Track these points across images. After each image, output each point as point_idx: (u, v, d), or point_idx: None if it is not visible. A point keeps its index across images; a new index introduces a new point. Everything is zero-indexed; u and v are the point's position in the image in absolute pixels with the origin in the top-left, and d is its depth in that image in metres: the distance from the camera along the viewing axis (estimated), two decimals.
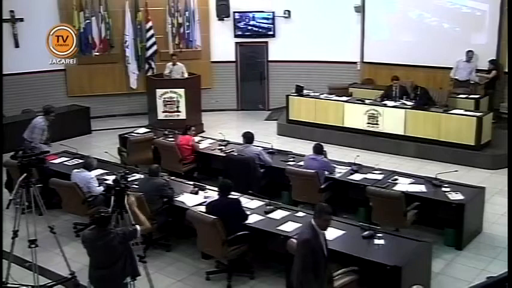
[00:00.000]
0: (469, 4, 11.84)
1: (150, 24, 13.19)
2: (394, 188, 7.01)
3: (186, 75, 12.19)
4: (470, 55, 11.40)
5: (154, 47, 13.32)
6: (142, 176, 7.52)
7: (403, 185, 7.19)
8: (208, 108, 13.36)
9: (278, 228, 6.07)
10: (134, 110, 13.58)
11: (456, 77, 11.58)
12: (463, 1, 11.88)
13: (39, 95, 12.73)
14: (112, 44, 13.16)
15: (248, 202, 6.73)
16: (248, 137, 8.27)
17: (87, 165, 7.44)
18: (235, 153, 8.43)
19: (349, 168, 7.84)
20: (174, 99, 11.92)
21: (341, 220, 6.32)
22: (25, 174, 5.76)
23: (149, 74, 13.18)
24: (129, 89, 13.55)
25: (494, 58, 11.37)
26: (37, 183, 5.98)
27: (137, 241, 5.08)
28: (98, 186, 7.26)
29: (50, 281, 6.06)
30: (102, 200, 6.92)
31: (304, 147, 9.44)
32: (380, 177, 7.50)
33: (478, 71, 11.51)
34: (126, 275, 4.90)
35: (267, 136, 10.37)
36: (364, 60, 13.29)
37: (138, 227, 4.76)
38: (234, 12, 13.74)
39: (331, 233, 5.77)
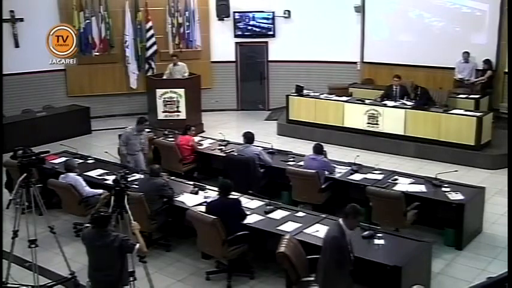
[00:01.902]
0: (469, 4, 11.84)
1: (150, 24, 13.19)
2: (394, 188, 7.01)
3: (186, 74, 12.16)
4: (466, 56, 11.55)
5: (154, 47, 13.32)
6: (142, 176, 7.53)
7: (403, 185, 7.19)
8: (208, 108, 13.36)
9: (278, 228, 6.07)
10: (134, 110, 13.54)
11: (460, 77, 11.67)
12: (463, 1, 11.89)
13: (39, 95, 12.76)
14: (112, 44, 13.16)
15: (248, 202, 6.73)
16: (248, 137, 8.27)
17: (69, 168, 7.43)
18: (235, 153, 8.44)
19: (349, 168, 7.84)
20: (174, 99, 11.92)
21: None
22: (25, 174, 5.75)
23: (149, 74, 13.18)
24: (129, 89, 13.55)
25: (488, 58, 11.38)
26: (37, 183, 5.98)
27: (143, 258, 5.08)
28: (89, 189, 7.26)
29: (50, 281, 6.06)
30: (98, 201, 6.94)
31: (304, 147, 9.46)
32: (380, 177, 7.50)
33: (477, 70, 11.56)
34: (123, 283, 4.90)
35: (267, 136, 10.36)
36: (364, 60, 13.29)
37: (137, 246, 4.74)
38: (234, 12, 13.74)
39: None
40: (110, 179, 7.06)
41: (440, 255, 6.46)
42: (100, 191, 7.10)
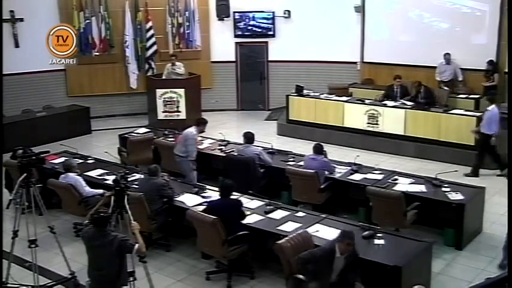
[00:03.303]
0: (469, 4, 11.83)
1: (150, 24, 13.20)
2: (394, 188, 7.01)
3: (182, 71, 12.11)
4: (447, 57, 11.56)
5: (154, 47, 13.32)
6: (142, 176, 7.52)
7: (403, 185, 7.19)
8: (208, 108, 13.36)
9: (278, 228, 6.07)
10: (134, 110, 13.59)
11: (440, 79, 11.67)
12: (463, 1, 11.88)
13: (39, 95, 12.76)
14: (112, 44, 13.16)
15: (248, 202, 6.73)
16: (249, 137, 8.26)
17: (68, 167, 7.41)
18: (235, 153, 8.44)
19: (349, 168, 7.84)
20: (174, 99, 11.93)
21: (341, 220, 6.34)
22: (25, 174, 5.75)
23: (149, 74, 13.18)
24: (129, 89, 13.55)
25: (493, 59, 11.37)
26: (37, 183, 5.98)
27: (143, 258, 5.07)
28: (89, 189, 7.25)
29: (50, 281, 6.06)
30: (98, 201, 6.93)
31: (304, 147, 9.45)
32: (380, 177, 7.50)
33: (462, 70, 11.67)
34: (122, 283, 4.89)
35: (267, 136, 10.36)
36: (364, 60, 13.29)
37: (137, 246, 4.73)
38: (234, 12, 13.74)
39: (332, 233, 5.78)
40: (110, 179, 7.06)
41: (440, 255, 6.46)
42: (100, 191, 7.10)
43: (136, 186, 6.95)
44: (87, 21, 12.76)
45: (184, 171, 8.28)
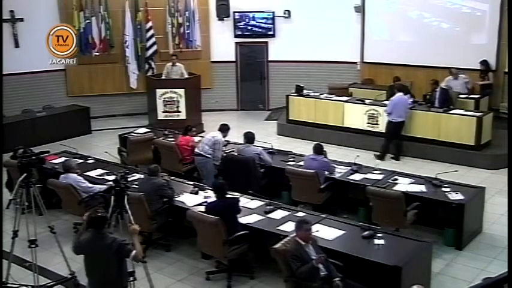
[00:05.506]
0: (469, 4, 11.83)
1: (150, 24, 13.19)
2: (394, 188, 7.00)
3: (185, 75, 12.19)
4: (455, 72, 11.34)
5: (154, 47, 13.32)
6: (142, 176, 7.52)
7: (403, 185, 7.19)
8: (208, 108, 13.36)
9: (278, 228, 6.07)
10: (134, 110, 13.58)
11: None
12: (463, 1, 11.88)
13: (39, 95, 12.76)
14: (112, 44, 13.16)
15: (248, 202, 6.73)
16: (249, 137, 8.27)
17: (68, 168, 7.40)
18: (236, 153, 8.44)
19: (349, 168, 7.84)
20: (174, 99, 11.92)
21: (341, 220, 6.34)
22: (25, 174, 5.75)
23: (149, 74, 13.18)
24: (129, 89, 13.55)
25: (485, 59, 11.35)
26: (37, 183, 5.98)
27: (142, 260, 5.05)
28: (91, 184, 7.25)
29: (50, 281, 6.07)
30: (100, 200, 6.93)
31: (304, 147, 9.46)
32: (380, 177, 7.50)
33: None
34: (122, 285, 4.84)
35: (267, 136, 10.37)
36: (364, 60, 13.29)
37: (134, 252, 4.65)
38: (234, 12, 13.74)
39: (331, 233, 5.80)
40: (110, 179, 7.06)
41: (440, 255, 6.46)
42: (104, 187, 7.11)
43: (136, 186, 6.95)
44: (87, 21, 12.75)
45: (205, 171, 8.34)
